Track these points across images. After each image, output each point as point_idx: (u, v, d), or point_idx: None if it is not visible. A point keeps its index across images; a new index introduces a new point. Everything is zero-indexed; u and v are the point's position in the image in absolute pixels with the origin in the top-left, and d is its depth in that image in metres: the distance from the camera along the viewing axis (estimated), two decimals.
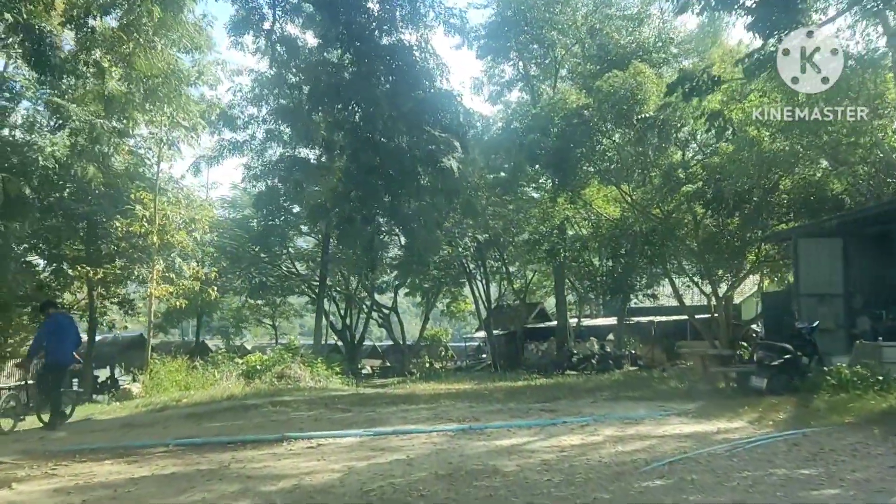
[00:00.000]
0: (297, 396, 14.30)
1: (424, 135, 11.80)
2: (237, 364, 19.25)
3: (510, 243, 36.21)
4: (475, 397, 13.49)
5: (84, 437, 9.49)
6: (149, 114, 19.93)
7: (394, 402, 13.29)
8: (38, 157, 22.46)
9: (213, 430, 9.72)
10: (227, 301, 42.45)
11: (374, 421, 10.21)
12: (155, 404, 14.57)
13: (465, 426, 9.14)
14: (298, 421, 10.65)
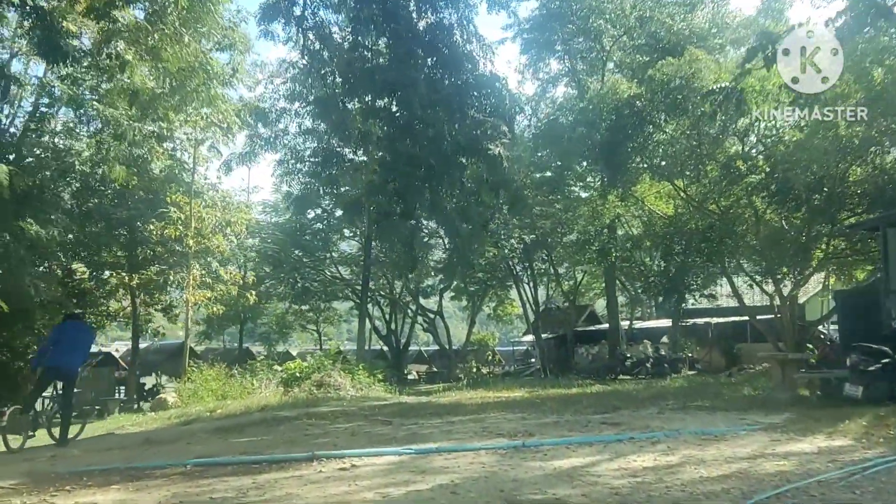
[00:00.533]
0: (336, 407, 13.39)
1: (467, 119, 10.79)
2: (276, 372, 18.49)
3: (558, 244, 34.91)
4: (527, 407, 12.37)
5: (98, 455, 8.69)
6: (183, 113, 19.41)
7: (438, 412, 12.27)
8: (76, 161, 22.23)
9: (238, 447, 8.82)
10: (271, 307, 42.10)
11: (416, 436, 9.19)
12: (187, 415, 13.86)
13: (517, 443, 8.05)
14: (334, 435, 9.70)
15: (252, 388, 17.38)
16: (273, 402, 14.94)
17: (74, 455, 8.75)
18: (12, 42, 23.80)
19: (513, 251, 37.43)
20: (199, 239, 20.70)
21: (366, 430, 10.04)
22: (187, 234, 20.17)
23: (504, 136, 10.67)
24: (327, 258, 39.53)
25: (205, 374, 18.11)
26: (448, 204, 11.39)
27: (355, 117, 12.31)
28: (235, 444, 9.20)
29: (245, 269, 34.31)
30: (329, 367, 17.59)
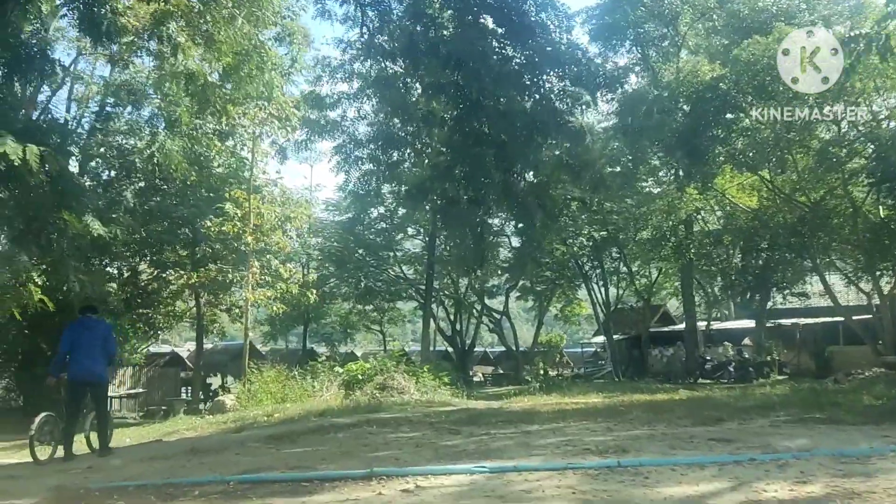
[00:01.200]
0: (399, 412, 12.38)
1: (543, 90, 9.61)
2: (337, 374, 17.65)
3: (631, 240, 33.22)
4: (610, 415, 11.07)
5: (138, 467, 7.85)
6: (241, 105, 18.79)
7: (511, 420, 11.10)
8: (136, 159, 21.97)
9: (290, 460, 7.85)
10: (334, 307, 41.66)
11: (489, 449, 8.04)
12: (242, 420, 13.09)
13: (611, 462, 6.79)
14: (396, 446, 8.64)
15: (312, 391, 16.57)
16: (333, 406, 14.06)
17: (113, 466, 7.94)
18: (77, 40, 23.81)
19: (582, 248, 35.92)
20: (258, 236, 20.07)
21: (431, 441, 8.95)
22: (245, 231, 19.54)
23: (588, 105, 9.48)
24: (391, 257, 38.79)
25: (264, 375, 17.39)
26: (522, 188, 10.23)
27: (418, 98, 11.30)
28: (287, 455, 8.24)
29: (307, 267, 33.81)
30: (392, 369, 16.64)
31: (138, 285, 26.44)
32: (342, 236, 34.88)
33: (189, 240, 23.22)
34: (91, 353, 8.92)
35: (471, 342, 44.04)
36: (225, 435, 10.80)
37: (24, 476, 7.44)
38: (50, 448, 8.86)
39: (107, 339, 9.22)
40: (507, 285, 41.43)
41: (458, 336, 42.79)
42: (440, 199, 10.75)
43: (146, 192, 23.65)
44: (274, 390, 16.65)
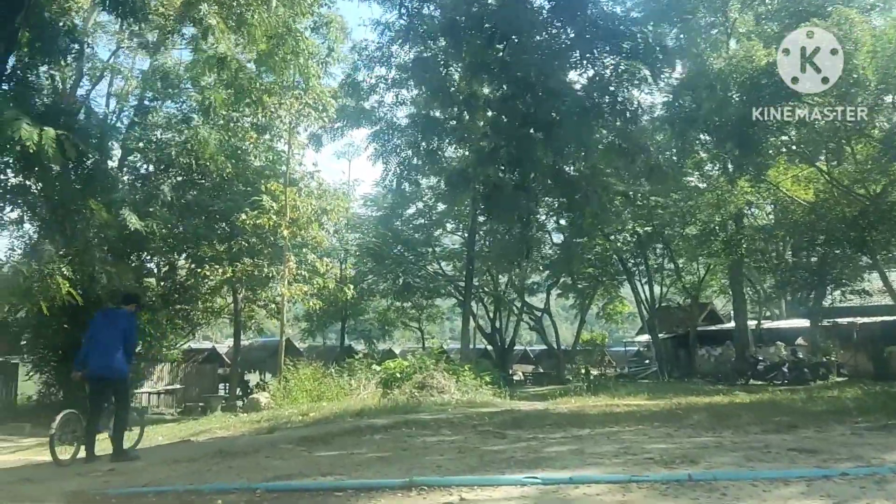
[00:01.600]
0: (439, 414, 11.72)
1: (596, 65, 8.85)
2: (375, 371, 17.07)
3: (677, 236, 32.05)
4: (668, 419, 10.25)
5: (162, 470, 7.32)
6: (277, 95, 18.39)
7: (559, 423, 10.35)
8: (172, 151, 21.74)
9: (323, 464, 7.23)
10: (373, 303, 41.24)
11: (539, 456, 7.32)
12: (276, 419, 12.57)
13: (681, 475, 6.01)
14: (437, 451, 7.97)
15: (349, 389, 16.03)
16: (370, 405, 13.48)
17: (136, 469, 7.42)
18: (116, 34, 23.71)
19: (626, 244, 34.86)
20: (294, 230, 19.61)
21: (475, 446, 8.26)
22: (281, 224, 19.09)
23: (646, 80, 8.66)
24: (429, 253, 38.20)
25: (300, 373, 16.90)
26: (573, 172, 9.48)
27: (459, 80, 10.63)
28: (320, 459, 7.64)
29: (345, 262, 33.40)
30: (432, 367, 16.00)
31: (176, 280, 26.25)
32: (380, 232, 34.38)
33: (226, 234, 22.88)
34: (109, 347, 8.31)
35: (510, 340, 43.24)
36: (256, 435, 10.26)
37: (41, 479, 6.96)
38: (73, 448, 8.37)
39: (127, 331, 8.48)
40: (549, 282, 40.54)
41: (497, 334, 42.04)
42: (483, 185, 10.04)
43: (183, 186, 23.41)
44: (310, 388, 16.14)
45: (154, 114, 24.09)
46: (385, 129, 10.97)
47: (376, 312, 43.15)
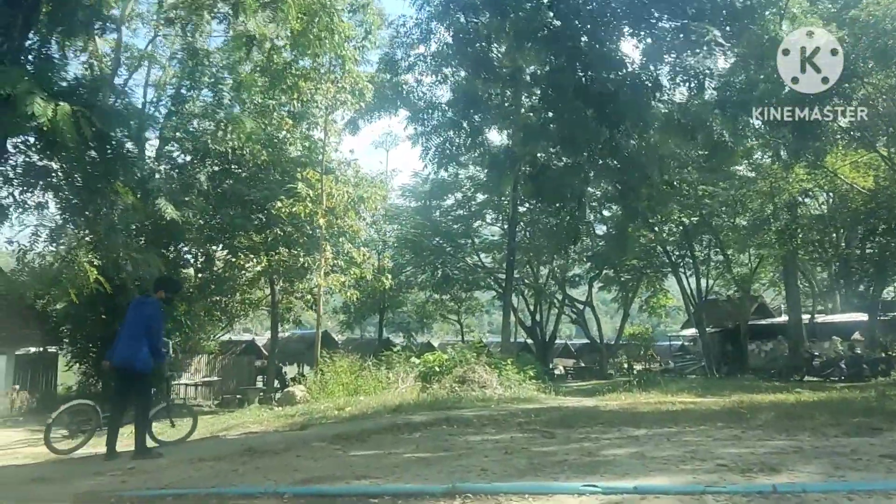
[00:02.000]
0: (482, 409, 11.05)
1: (655, 29, 8.01)
2: (413, 364, 16.48)
3: (727, 226, 30.81)
4: (732, 419, 9.42)
5: (185, 469, 6.78)
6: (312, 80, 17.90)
7: (611, 422, 9.59)
8: (209, 139, 21.44)
9: (357, 466, 6.62)
10: (411, 296, 40.76)
11: (595, 459, 6.61)
12: (311, 413, 12.04)
13: (763, 486, 5.25)
14: (481, 452, 7.30)
15: (387, 383, 15.46)
16: (409, 399, 12.88)
17: (158, 468, 6.89)
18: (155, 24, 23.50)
19: (671, 235, 33.72)
20: (330, 218, 19.09)
21: (523, 447, 7.57)
22: (317, 213, 18.58)
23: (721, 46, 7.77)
24: (468, 245, 37.51)
25: (337, 365, 16.38)
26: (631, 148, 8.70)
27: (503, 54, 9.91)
28: (355, 459, 7.03)
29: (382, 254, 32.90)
30: (473, 361, 15.33)
31: (213, 271, 26.04)
32: (418, 222, 33.80)
33: (262, 224, 22.50)
34: (132, 338, 7.75)
35: (551, 334, 42.38)
36: (288, 432, 9.71)
37: (55, 478, 6.48)
38: (78, 440, 7.92)
39: (150, 320, 7.86)
40: (591, 274, 39.59)
41: (537, 327, 41.24)
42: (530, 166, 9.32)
43: (219, 175, 23.10)
44: (346, 381, 15.62)
45: (191, 103, 23.79)
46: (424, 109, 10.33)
47: (414, 305, 42.64)
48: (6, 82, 6.37)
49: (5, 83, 6.37)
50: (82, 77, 8.96)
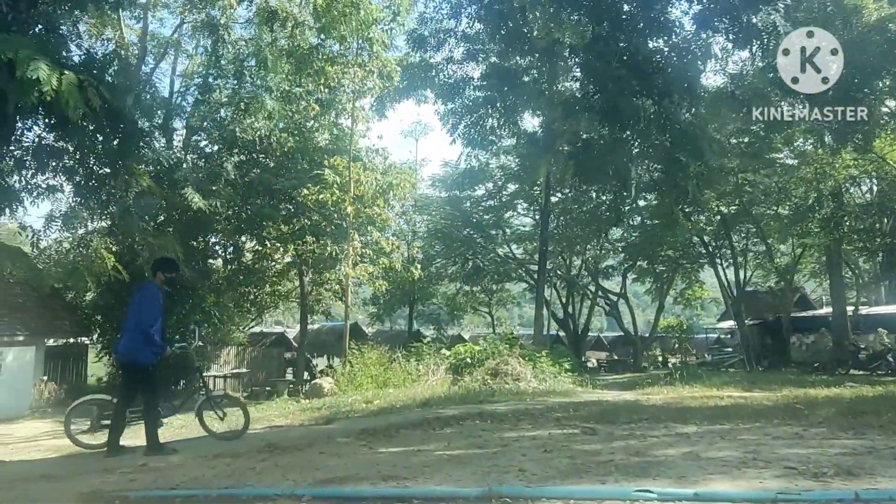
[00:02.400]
0: (516, 404, 10.49)
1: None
2: (444, 356, 15.96)
3: (768, 215, 29.73)
4: (788, 415, 8.74)
5: (200, 466, 6.32)
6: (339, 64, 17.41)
7: (657, 417, 8.97)
8: (236, 128, 21.13)
9: (385, 465, 6.10)
10: (441, 288, 40.26)
11: (643, 459, 6.00)
12: (337, 407, 11.57)
13: (843, 494, 4.62)
14: (518, 449, 6.74)
15: (416, 375, 14.97)
16: (439, 392, 12.37)
17: (171, 466, 6.43)
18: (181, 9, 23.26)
19: (709, 224, 32.68)
20: (358, 207, 18.59)
21: (563, 444, 6.99)
22: (345, 200, 18.09)
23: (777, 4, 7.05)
24: (499, 235, 36.84)
25: (365, 357, 15.92)
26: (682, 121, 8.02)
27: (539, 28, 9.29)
28: (381, 458, 6.51)
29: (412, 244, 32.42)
30: (506, 353, 14.75)
31: (242, 262, 25.78)
32: (448, 213, 33.21)
33: (290, 213, 22.12)
34: (127, 329, 7.18)
35: (584, 326, 41.58)
36: (313, 426, 9.23)
37: (61, 476, 6.05)
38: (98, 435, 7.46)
39: (140, 305, 7.16)
40: (626, 265, 38.71)
41: (570, 319, 40.47)
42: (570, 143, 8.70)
43: (246, 164, 22.79)
44: (375, 373, 15.16)
45: (218, 91, 23.48)
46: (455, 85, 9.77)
47: (445, 297, 42.11)
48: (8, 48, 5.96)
49: (6, 48, 5.96)
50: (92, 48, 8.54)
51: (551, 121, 8.66)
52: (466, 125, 10.31)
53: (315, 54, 17.49)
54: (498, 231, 36.83)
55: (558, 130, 8.66)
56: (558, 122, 8.63)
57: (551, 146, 8.87)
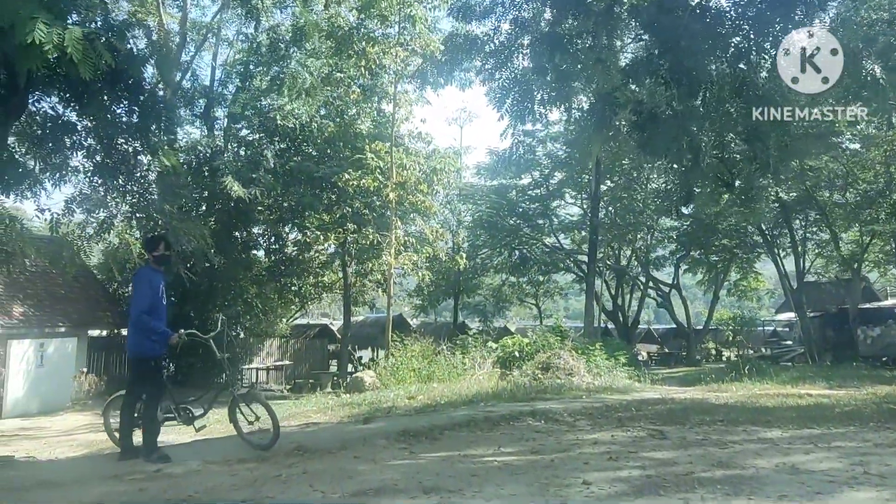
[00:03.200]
0: (571, 401, 9.61)
1: None
2: (491, 349, 15.14)
3: (832, 201, 28.02)
4: (884, 418, 7.71)
5: (217, 473, 5.59)
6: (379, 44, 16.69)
7: (733, 419, 8.01)
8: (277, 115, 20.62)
9: (426, 474, 5.31)
10: (486, 279, 39.38)
11: (732, 474, 5.10)
12: (378, 403, 10.83)
13: None
14: (579, 458, 5.88)
15: (462, 369, 14.18)
16: (486, 388, 11.54)
17: (190, 472, 5.71)
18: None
19: (769, 211, 31.03)
20: (401, 193, 17.84)
21: (629, 451, 6.11)
22: (387, 186, 17.35)
23: None
24: (546, 225, 35.75)
25: (408, 350, 15.19)
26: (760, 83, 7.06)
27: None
28: (423, 464, 5.72)
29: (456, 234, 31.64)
30: (557, 346, 13.84)
31: (284, 253, 25.34)
32: (494, 202, 32.27)
33: (332, 202, 21.52)
34: (130, 320, 6.36)
35: (634, 318, 40.27)
36: (348, 425, 8.48)
37: (65, 482, 5.41)
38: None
39: (133, 295, 6.47)
40: (679, 255, 37.28)
41: (619, 311, 39.21)
42: (634, 113, 7.77)
43: (287, 152, 22.27)
44: (418, 367, 14.42)
45: (259, 78, 22.97)
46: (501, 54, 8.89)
47: (490, 289, 41.20)
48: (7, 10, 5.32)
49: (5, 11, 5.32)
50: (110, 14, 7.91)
51: (612, 89, 7.75)
52: (514, 99, 9.37)
53: (355, 34, 16.81)
54: (545, 220, 35.72)
55: (621, 98, 7.74)
56: (619, 90, 7.70)
57: (609, 119, 7.97)
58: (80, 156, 8.22)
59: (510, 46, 9.40)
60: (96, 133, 7.81)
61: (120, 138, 8.09)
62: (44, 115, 7.83)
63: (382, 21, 16.10)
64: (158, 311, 6.26)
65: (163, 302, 6.35)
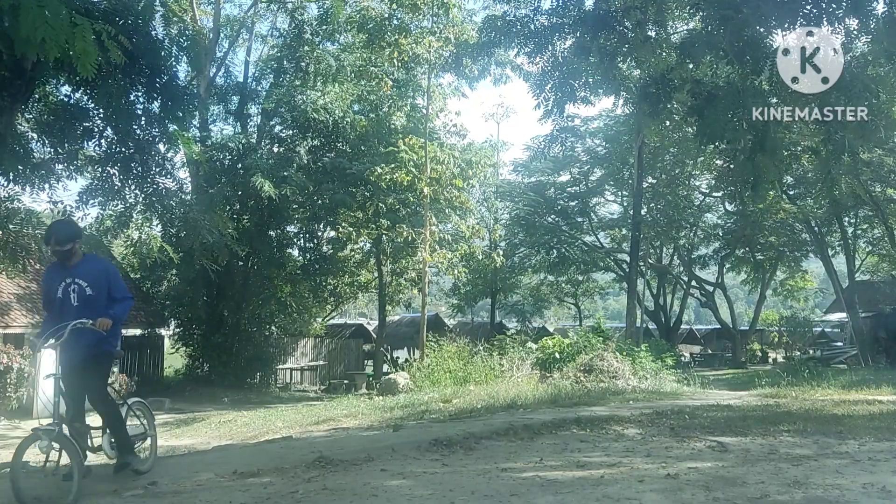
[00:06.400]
0: (618, 407, 8.93)
1: None
2: (530, 350, 14.49)
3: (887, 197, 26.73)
4: None
5: (228, 488, 5.05)
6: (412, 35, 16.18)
7: (800, 429, 7.27)
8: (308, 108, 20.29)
9: (459, 490, 4.72)
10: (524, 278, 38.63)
11: (813, 496, 4.41)
12: (411, 406, 10.28)
13: None
14: (632, 475, 5.21)
15: (499, 371, 13.56)
16: (526, 392, 10.89)
17: (193, 488, 5.17)
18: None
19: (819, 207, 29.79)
20: (435, 188, 17.29)
21: (689, 466, 5.42)
22: (421, 180, 16.81)
23: None
24: (586, 223, 34.86)
25: (444, 351, 14.61)
26: None
27: None
28: (456, 479, 5.11)
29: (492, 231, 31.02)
30: (600, 347, 13.14)
31: (319, 251, 25.04)
32: (532, 199, 31.50)
33: (365, 198, 21.09)
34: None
35: (676, 318, 39.15)
36: (377, 433, 7.92)
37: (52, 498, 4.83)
38: None
39: None
40: (723, 252, 36.10)
41: (661, 311, 38.13)
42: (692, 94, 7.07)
43: (320, 149, 21.91)
44: (454, 368, 13.82)
45: (292, 74, 22.66)
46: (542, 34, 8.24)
47: (528, 288, 40.40)
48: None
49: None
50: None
51: (666, 69, 7.07)
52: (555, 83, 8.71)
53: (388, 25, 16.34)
54: (584, 218, 34.83)
55: (676, 79, 7.04)
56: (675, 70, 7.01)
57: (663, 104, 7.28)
58: (93, 144, 7.86)
59: (551, 27, 8.73)
60: (110, 119, 7.40)
61: (135, 125, 7.67)
62: (56, 101, 7.46)
63: (415, 10, 15.60)
64: (54, 307, 5.24)
65: (58, 296, 5.19)
